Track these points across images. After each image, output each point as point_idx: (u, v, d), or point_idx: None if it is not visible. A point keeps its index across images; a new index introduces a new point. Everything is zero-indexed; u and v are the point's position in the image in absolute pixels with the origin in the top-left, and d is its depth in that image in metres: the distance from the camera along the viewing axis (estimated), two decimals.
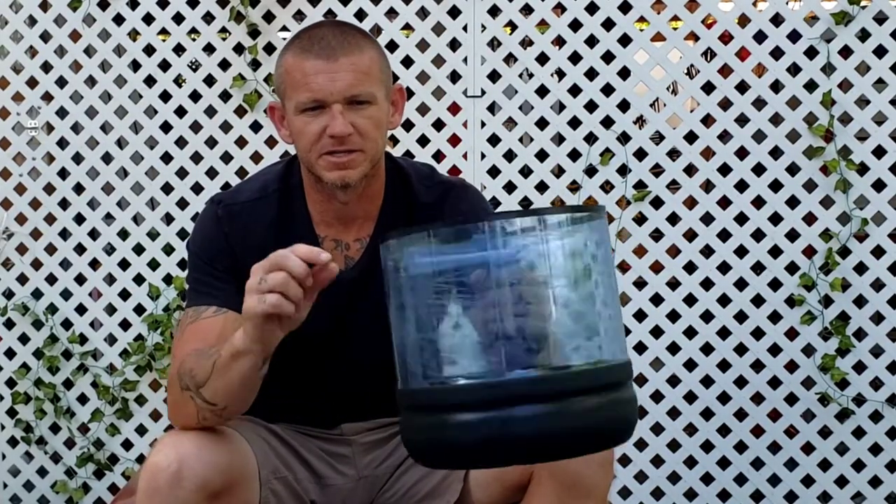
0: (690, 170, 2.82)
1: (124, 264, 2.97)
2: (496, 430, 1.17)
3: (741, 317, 2.83)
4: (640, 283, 2.86)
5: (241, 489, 1.60)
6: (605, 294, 1.25)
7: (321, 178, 1.65)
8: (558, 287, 1.22)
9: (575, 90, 2.82)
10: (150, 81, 2.93)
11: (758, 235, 2.81)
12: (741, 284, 2.82)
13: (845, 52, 2.74)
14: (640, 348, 2.87)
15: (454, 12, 2.84)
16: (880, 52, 2.73)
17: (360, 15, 2.86)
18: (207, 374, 1.51)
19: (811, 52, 2.75)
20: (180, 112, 2.93)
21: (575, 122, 2.83)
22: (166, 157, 2.95)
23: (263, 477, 1.66)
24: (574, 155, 2.84)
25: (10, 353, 3.03)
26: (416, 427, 1.25)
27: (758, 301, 2.81)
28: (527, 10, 2.81)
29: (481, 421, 1.18)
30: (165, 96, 2.94)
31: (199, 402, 1.53)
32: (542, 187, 2.85)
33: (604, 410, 1.21)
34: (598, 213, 1.26)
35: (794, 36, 2.75)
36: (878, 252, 2.78)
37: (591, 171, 2.83)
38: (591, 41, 2.82)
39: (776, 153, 2.80)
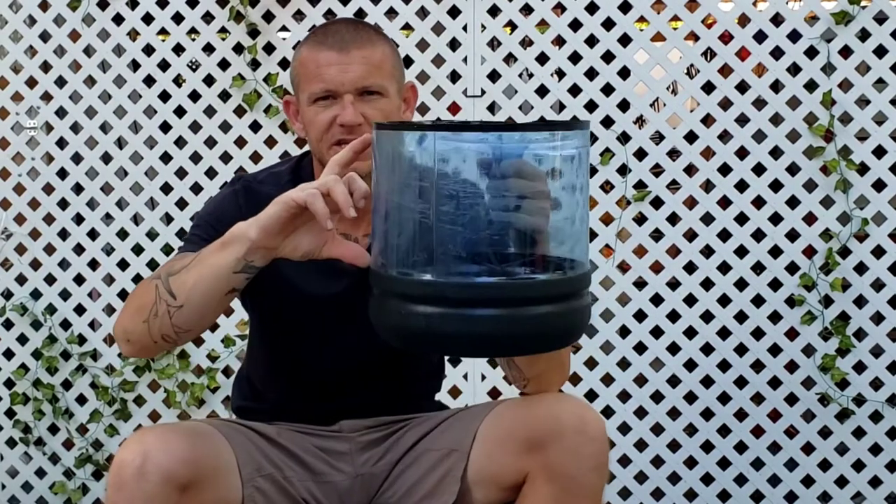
0: (690, 170, 2.82)
1: (123, 264, 2.97)
2: (455, 325, 1.27)
3: (741, 317, 2.83)
4: (640, 284, 2.85)
5: (216, 484, 1.59)
6: (584, 203, 1.33)
7: None
8: (551, 193, 1.29)
9: (575, 90, 2.82)
10: (149, 81, 2.93)
11: (758, 235, 2.81)
12: (741, 284, 2.82)
13: (845, 51, 2.74)
14: (641, 348, 2.87)
15: (454, 12, 2.84)
16: (880, 51, 2.73)
17: (360, 15, 2.86)
18: (186, 264, 1.50)
19: (811, 52, 2.75)
20: (180, 112, 2.93)
21: None
22: (166, 157, 2.95)
23: (246, 474, 1.65)
24: None
25: (8, 354, 3.03)
26: (385, 310, 1.34)
27: (758, 301, 2.81)
28: (527, 10, 2.81)
29: (443, 316, 1.27)
30: (165, 96, 2.94)
31: (162, 291, 1.50)
32: None
33: (558, 317, 1.30)
34: (585, 124, 1.33)
35: (794, 36, 2.75)
36: (879, 252, 2.78)
37: (591, 171, 2.81)
38: (591, 41, 2.82)
39: (776, 153, 2.80)
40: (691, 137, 2.81)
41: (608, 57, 2.80)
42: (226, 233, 1.46)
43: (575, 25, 2.81)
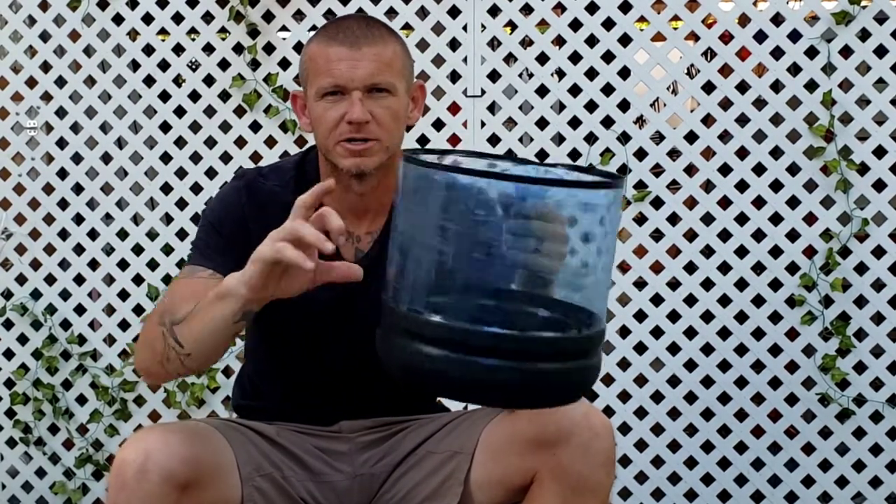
0: (690, 170, 2.82)
1: (123, 265, 2.97)
2: (460, 370, 1.24)
3: (741, 317, 2.83)
4: (640, 284, 2.85)
5: (217, 483, 1.60)
6: (607, 261, 1.29)
7: (337, 166, 1.67)
8: (570, 248, 1.25)
9: (575, 90, 2.82)
10: (149, 81, 2.92)
11: (758, 235, 2.80)
12: (741, 285, 2.82)
13: (846, 51, 2.74)
14: (641, 349, 2.87)
15: (454, 12, 2.84)
16: (881, 51, 2.73)
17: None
18: (187, 313, 1.52)
19: (811, 52, 2.74)
20: (179, 112, 2.93)
21: (575, 122, 2.83)
22: (165, 157, 2.95)
23: (246, 474, 1.66)
24: (574, 155, 2.83)
25: (8, 354, 3.03)
26: (391, 344, 1.32)
27: (758, 301, 2.81)
28: (527, 9, 2.81)
29: (447, 359, 1.24)
30: (165, 96, 2.94)
31: (170, 340, 1.54)
32: None
33: (565, 375, 1.27)
34: (620, 180, 1.29)
35: (795, 36, 2.75)
36: (879, 252, 2.78)
37: (591, 172, 2.82)
38: (591, 41, 2.82)
39: (776, 153, 2.80)
40: (691, 137, 2.80)
41: (608, 57, 2.80)
42: (215, 289, 1.48)
43: (575, 25, 2.81)
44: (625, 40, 2.80)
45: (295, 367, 1.81)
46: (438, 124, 2.88)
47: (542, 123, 2.84)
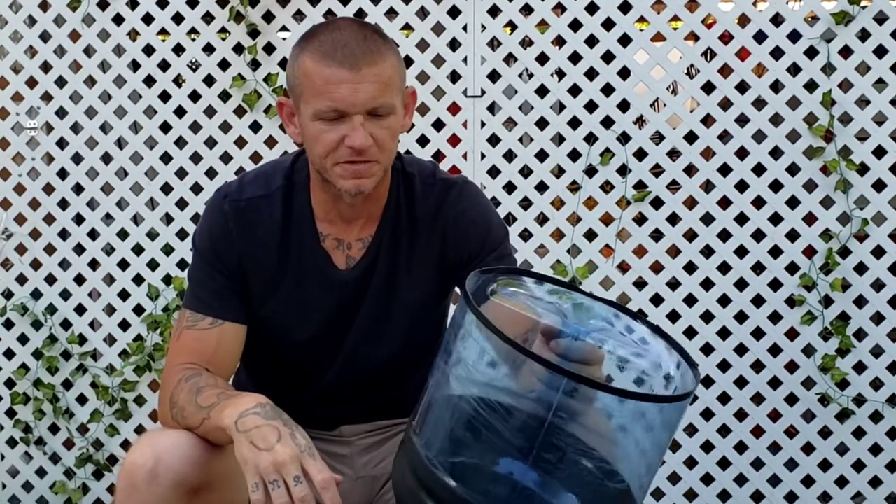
0: (690, 170, 2.82)
1: (124, 264, 2.97)
2: None
3: (741, 317, 2.83)
4: (640, 284, 2.85)
5: (226, 486, 1.59)
6: (651, 463, 1.20)
7: (334, 185, 1.63)
8: (612, 452, 1.17)
9: (575, 90, 2.82)
10: (149, 81, 2.92)
11: (758, 236, 2.81)
12: (741, 285, 2.82)
13: (845, 52, 2.74)
14: None
15: (454, 12, 2.84)
16: (880, 52, 2.73)
17: (360, 15, 2.86)
18: (196, 424, 1.54)
19: (811, 52, 2.75)
20: (180, 112, 2.93)
21: (575, 122, 2.83)
22: (166, 158, 2.95)
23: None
24: (574, 155, 2.83)
25: (9, 354, 3.03)
26: (403, 478, 1.28)
27: (758, 301, 2.81)
28: (527, 10, 2.81)
29: None
30: (165, 96, 2.94)
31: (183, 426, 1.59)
32: (542, 187, 2.85)
33: None
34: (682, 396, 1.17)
35: (795, 36, 2.75)
36: (879, 252, 2.78)
37: (591, 171, 2.82)
38: (591, 41, 2.82)
39: (776, 153, 2.80)
40: (691, 137, 2.80)
41: (608, 57, 2.80)
42: (218, 417, 1.49)
43: (575, 25, 2.81)
44: (625, 40, 2.80)
45: (293, 378, 1.79)
46: (438, 124, 2.88)
47: (542, 123, 2.83)
